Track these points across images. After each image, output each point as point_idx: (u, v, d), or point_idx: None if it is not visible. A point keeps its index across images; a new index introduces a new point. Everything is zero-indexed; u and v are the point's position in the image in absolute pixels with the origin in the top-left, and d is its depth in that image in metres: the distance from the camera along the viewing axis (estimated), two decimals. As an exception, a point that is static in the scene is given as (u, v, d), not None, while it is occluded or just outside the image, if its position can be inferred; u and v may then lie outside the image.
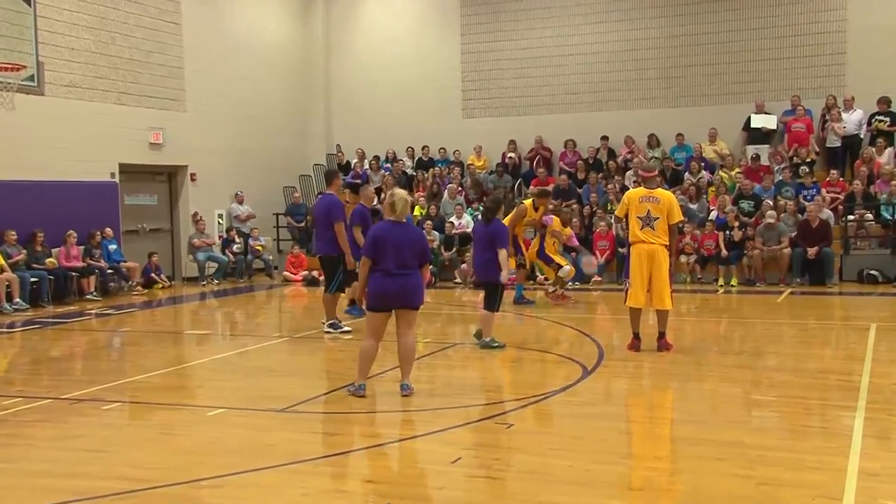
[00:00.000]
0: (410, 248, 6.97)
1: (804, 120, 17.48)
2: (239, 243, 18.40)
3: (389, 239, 6.93)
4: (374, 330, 7.10)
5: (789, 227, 15.61)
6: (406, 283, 6.93)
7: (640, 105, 19.13)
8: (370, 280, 6.98)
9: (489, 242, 9.26)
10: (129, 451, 5.89)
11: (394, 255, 6.89)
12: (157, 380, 8.29)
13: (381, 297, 6.95)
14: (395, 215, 7.01)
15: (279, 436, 6.15)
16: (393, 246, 6.90)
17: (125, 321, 12.91)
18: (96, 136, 15.85)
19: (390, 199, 7.10)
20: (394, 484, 5.24)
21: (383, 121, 20.79)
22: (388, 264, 6.88)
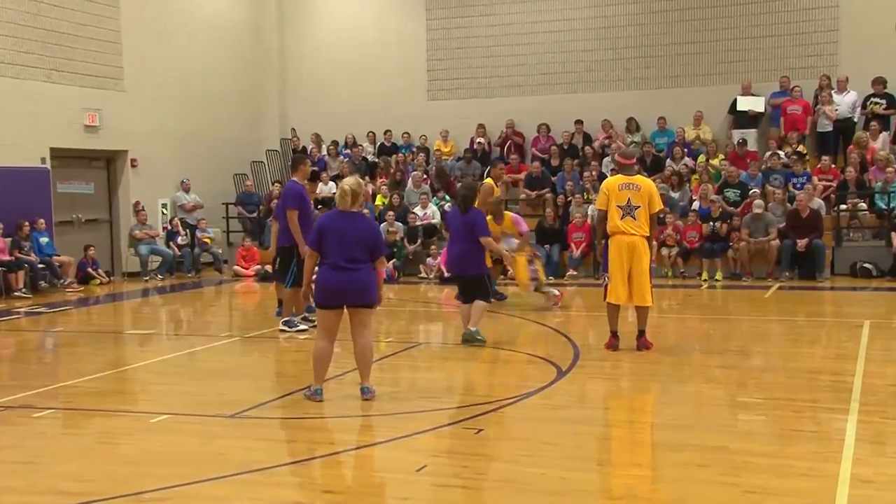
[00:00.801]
0: (360, 241, 6.95)
1: (801, 101, 17.65)
2: (185, 235, 18.22)
3: (336, 230, 6.93)
4: (326, 329, 7.08)
5: (778, 218, 15.83)
6: (355, 278, 6.92)
7: (619, 86, 19.27)
8: (318, 274, 7.00)
9: (468, 233, 9.28)
10: (63, 462, 5.81)
11: (341, 248, 6.89)
12: (94, 384, 8.19)
13: (328, 292, 6.96)
14: (343, 205, 7.02)
15: (229, 443, 6.10)
16: (339, 238, 6.90)
17: (58, 320, 12.72)
18: (23, 116, 15.57)
19: (339, 187, 7.17)
20: (354, 494, 5.23)
21: (342, 103, 20.71)
22: (335, 257, 6.88)
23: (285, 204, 10.36)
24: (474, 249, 9.31)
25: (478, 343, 9.33)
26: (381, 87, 20.58)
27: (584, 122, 19.22)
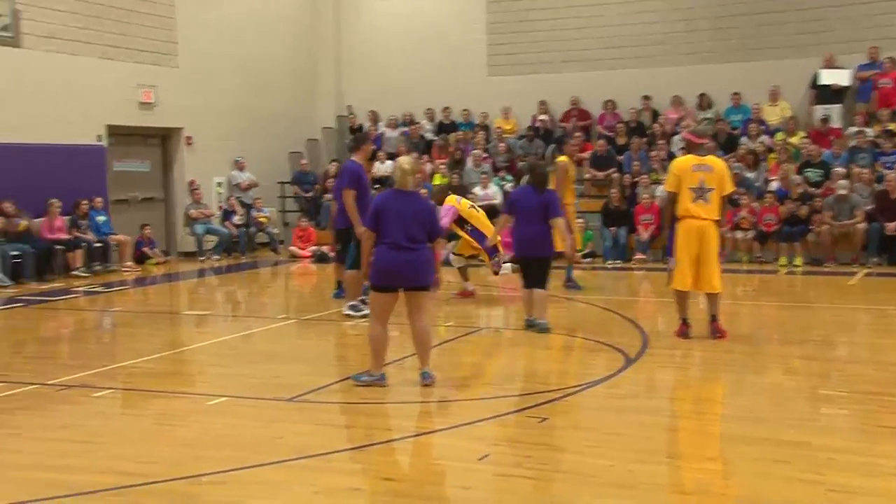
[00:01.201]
0: (418, 221, 7.01)
1: (892, 74, 17.13)
2: (241, 215, 18.47)
3: (394, 210, 6.97)
4: (382, 312, 7.11)
5: (864, 199, 15.41)
6: (415, 258, 6.96)
7: (689, 60, 18.92)
8: (375, 255, 7.02)
9: (542, 213, 9.25)
10: (123, 443, 5.97)
11: (400, 228, 6.93)
12: (151, 365, 8.38)
13: (386, 273, 6.98)
14: (403, 184, 7.08)
15: (287, 428, 6.20)
16: (397, 217, 6.94)
17: (116, 300, 13.04)
18: (80, 93, 15.90)
19: (397, 166, 7.23)
20: (414, 482, 5.27)
21: (400, 80, 20.73)
22: (394, 237, 6.92)
23: (342, 184, 10.42)
24: (547, 231, 9.30)
25: (543, 330, 9.29)
26: (439, 62, 20.55)
27: (653, 97, 18.95)
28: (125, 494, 4.98)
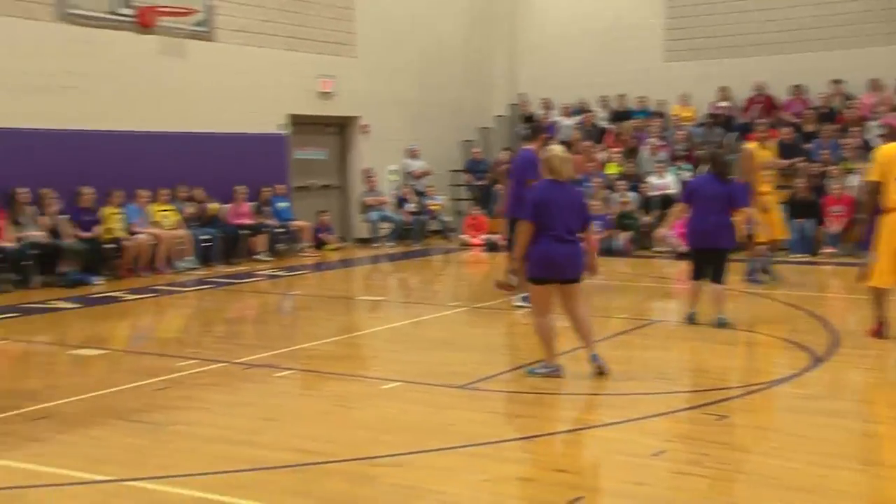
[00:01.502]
0: (575, 211, 7.03)
1: None
2: (414, 202, 18.84)
3: (555, 201, 6.94)
4: (547, 304, 7.11)
5: None
6: (576, 250, 7.02)
7: (887, 41, 17.73)
8: (536, 248, 6.98)
9: (724, 203, 8.97)
10: (303, 422, 6.22)
11: (562, 219, 6.94)
12: (329, 348, 8.69)
13: (552, 265, 6.98)
14: (554, 175, 7.04)
15: (458, 415, 6.28)
16: (559, 208, 6.94)
17: (296, 284, 13.61)
18: (265, 84, 16.62)
19: (544, 154, 7.17)
20: (586, 475, 5.23)
21: (573, 67, 20.50)
22: (558, 229, 6.92)
23: (524, 174, 10.27)
24: (728, 221, 8.99)
25: (723, 325, 8.99)
26: (614, 48, 20.18)
27: (845, 81, 17.90)
28: (305, 472, 5.18)
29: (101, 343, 9.19)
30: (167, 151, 14.81)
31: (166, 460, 5.38)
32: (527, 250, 7.03)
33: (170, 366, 7.75)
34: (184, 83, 15.15)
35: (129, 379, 7.32)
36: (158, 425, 6.06)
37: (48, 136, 13.21)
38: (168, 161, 14.81)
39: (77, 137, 13.54)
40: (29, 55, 13.12)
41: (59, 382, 7.47)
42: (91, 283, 12.72)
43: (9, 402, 6.60)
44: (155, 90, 14.74)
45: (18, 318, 10.35)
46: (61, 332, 9.97)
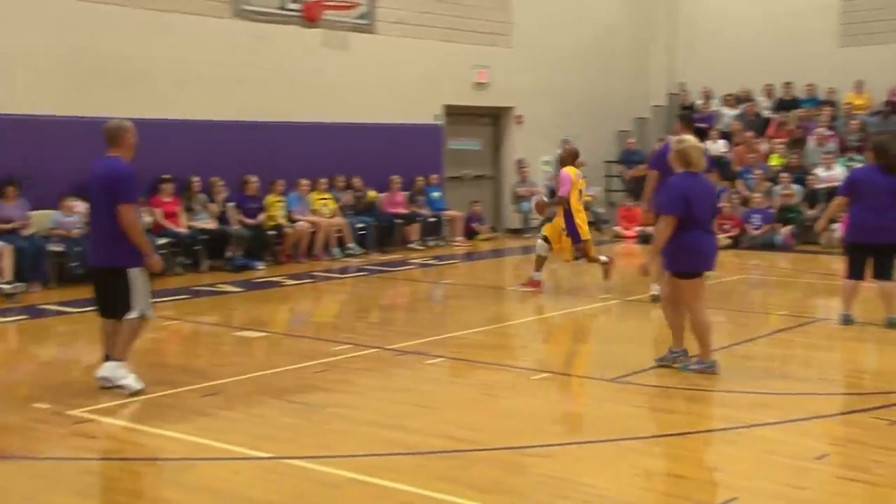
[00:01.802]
0: (712, 204, 7.04)
1: None
2: (566, 193, 18.70)
3: (700, 194, 6.91)
4: (701, 296, 6.99)
5: None
6: (715, 243, 7.06)
7: None
8: (687, 240, 6.84)
9: (893, 196, 8.50)
10: (453, 409, 6.32)
11: (708, 212, 6.97)
12: (478, 337, 8.77)
13: (709, 257, 7.00)
14: (691, 167, 6.94)
15: (609, 408, 6.22)
16: (704, 201, 6.92)
17: (447, 273, 13.79)
18: (422, 75, 16.88)
19: (678, 145, 7.01)
20: (741, 475, 5.07)
21: (737, 54, 19.80)
22: (704, 223, 6.92)
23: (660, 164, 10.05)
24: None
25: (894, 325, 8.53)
26: (783, 33, 19.34)
27: None
28: (456, 458, 5.27)
29: (262, 325, 9.61)
30: (327, 141, 15.29)
31: (321, 440, 5.58)
32: (671, 244, 6.88)
33: (326, 350, 8.02)
34: (344, 75, 15.57)
35: (288, 361, 7.63)
36: (315, 406, 6.28)
37: (219, 127, 13.86)
38: (327, 151, 15.28)
39: (244, 128, 14.16)
40: (205, 50, 13.81)
41: (224, 361, 7.85)
42: (255, 267, 13.30)
43: (181, 377, 7.00)
44: (317, 82, 15.23)
45: (188, 300, 10.94)
46: (226, 313, 10.48)
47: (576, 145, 19.00)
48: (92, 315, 7.12)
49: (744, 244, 15.73)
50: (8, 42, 11.80)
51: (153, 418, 6.09)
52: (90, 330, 8.60)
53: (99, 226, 6.65)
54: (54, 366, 7.88)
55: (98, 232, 6.69)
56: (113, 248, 6.52)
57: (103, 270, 6.65)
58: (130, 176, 6.58)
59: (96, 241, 6.73)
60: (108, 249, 6.56)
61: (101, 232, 6.61)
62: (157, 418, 6.07)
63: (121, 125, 6.73)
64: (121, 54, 12.83)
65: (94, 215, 6.76)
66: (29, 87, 12.03)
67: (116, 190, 6.47)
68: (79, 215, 11.89)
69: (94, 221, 6.81)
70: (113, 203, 6.45)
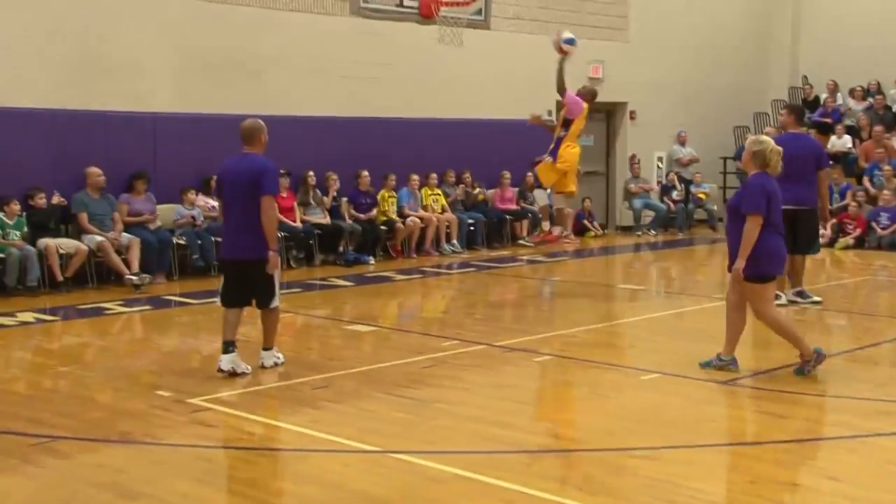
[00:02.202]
0: (780, 206, 6.89)
1: None
2: (679, 190, 18.38)
3: (776, 195, 6.80)
4: (771, 300, 7.00)
5: None
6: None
7: None
8: (767, 243, 6.73)
9: None
10: (559, 407, 6.32)
11: (779, 215, 6.84)
12: (586, 335, 8.71)
13: (782, 260, 7.03)
14: (770, 168, 6.81)
15: (721, 411, 6.11)
16: (776, 202, 6.81)
17: (556, 270, 13.74)
18: (536, 71, 16.79)
19: (757, 146, 6.84)
20: (862, 485, 4.89)
21: (866, 44, 18.98)
22: (777, 224, 6.82)
23: (820, 163, 9.61)
24: None
25: None
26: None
27: None
28: (561, 458, 5.26)
29: (372, 320, 9.78)
30: (438, 137, 15.41)
31: (429, 436, 5.65)
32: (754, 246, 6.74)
33: (434, 345, 8.11)
34: (458, 70, 15.64)
35: (396, 356, 7.75)
36: (423, 402, 6.37)
37: (333, 123, 14.15)
38: (438, 146, 15.41)
39: (358, 124, 14.40)
40: (321, 47, 14.12)
41: (334, 355, 8.04)
42: (366, 262, 13.53)
43: (293, 370, 7.20)
44: (431, 78, 15.37)
45: (301, 294, 11.22)
46: (338, 307, 10.70)
47: (689, 141, 18.74)
48: (212, 306, 7.39)
49: (869, 244, 15.13)
50: (131, 42, 12.30)
51: (267, 409, 6.30)
52: (209, 320, 8.94)
53: (240, 219, 6.90)
54: (176, 355, 8.21)
55: (239, 225, 6.91)
56: (257, 240, 6.80)
57: (245, 262, 6.91)
58: (273, 170, 6.97)
59: (237, 234, 6.95)
60: (251, 242, 6.84)
61: (243, 225, 6.87)
62: (271, 409, 6.27)
63: (256, 124, 7.07)
64: (238, 52, 13.22)
65: (234, 209, 6.96)
66: (151, 84, 12.53)
67: (262, 183, 6.77)
68: (199, 209, 12.34)
69: (233, 216, 6.99)
70: (256, 196, 6.76)
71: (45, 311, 9.89)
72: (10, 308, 9.88)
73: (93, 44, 11.96)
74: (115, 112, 12.08)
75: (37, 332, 9.16)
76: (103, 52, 12.05)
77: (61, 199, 11.36)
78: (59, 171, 11.56)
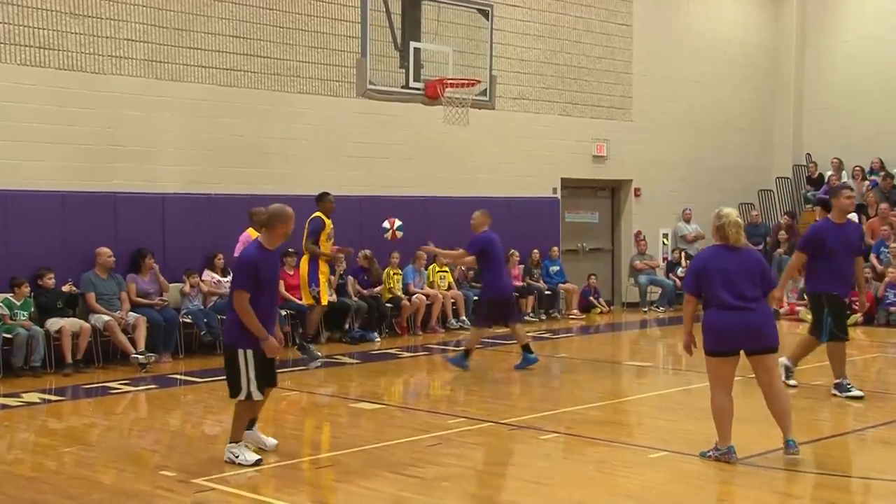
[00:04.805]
0: (748, 276, 6.62)
1: None
2: (685, 267, 18.41)
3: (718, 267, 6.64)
4: (721, 379, 6.71)
5: None
6: (750, 319, 6.53)
7: None
8: (705, 318, 6.64)
9: None
10: (567, 486, 6.23)
11: (728, 286, 6.55)
12: (593, 412, 8.66)
13: (721, 336, 6.57)
14: (725, 241, 6.76)
15: (733, 491, 6.04)
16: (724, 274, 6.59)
17: (562, 346, 13.69)
18: (540, 149, 17.07)
19: (717, 221, 6.86)
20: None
21: (869, 125, 19.27)
22: (723, 297, 6.54)
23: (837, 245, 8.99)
24: None
25: None
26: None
27: None
28: (568, 537, 5.19)
29: (377, 397, 9.73)
30: (446, 214, 15.53)
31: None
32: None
33: (440, 423, 8.06)
34: (464, 149, 15.86)
35: (402, 434, 7.70)
36: (429, 481, 6.30)
37: (340, 202, 14.21)
38: (446, 223, 15.51)
39: (365, 202, 14.55)
40: (331, 128, 14.37)
41: (339, 433, 7.99)
42: (372, 340, 13.51)
43: (298, 448, 7.16)
44: (438, 157, 15.60)
45: (306, 371, 11.20)
46: (343, 385, 10.67)
47: (695, 218, 18.84)
48: (218, 385, 7.30)
49: (878, 321, 15.10)
50: (142, 124, 12.54)
51: (271, 489, 6.24)
52: (214, 399, 8.91)
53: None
54: (181, 434, 8.17)
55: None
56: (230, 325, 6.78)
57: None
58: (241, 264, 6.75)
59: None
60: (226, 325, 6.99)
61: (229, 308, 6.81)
62: (275, 489, 6.21)
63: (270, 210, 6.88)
64: (247, 133, 13.47)
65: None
66: (161, 165, 12.73)
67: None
68: (201, 289, 12.41)
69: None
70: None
71: (50, 392, 9.88)
72: (15, 389, 9.88)
73: (103, 126, 12.20)
74: (124, 193, 12.26)
75: (41, 412, 9.14)
76: (115, 134, 12.29)
77: (73, 286, 11.39)
78: (67, 251, 11.68)
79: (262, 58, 13.64)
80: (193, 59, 12.98)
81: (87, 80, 12.05)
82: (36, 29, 11.68)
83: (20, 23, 11.58)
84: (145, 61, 12.57)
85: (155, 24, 12.62)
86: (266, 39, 13.68)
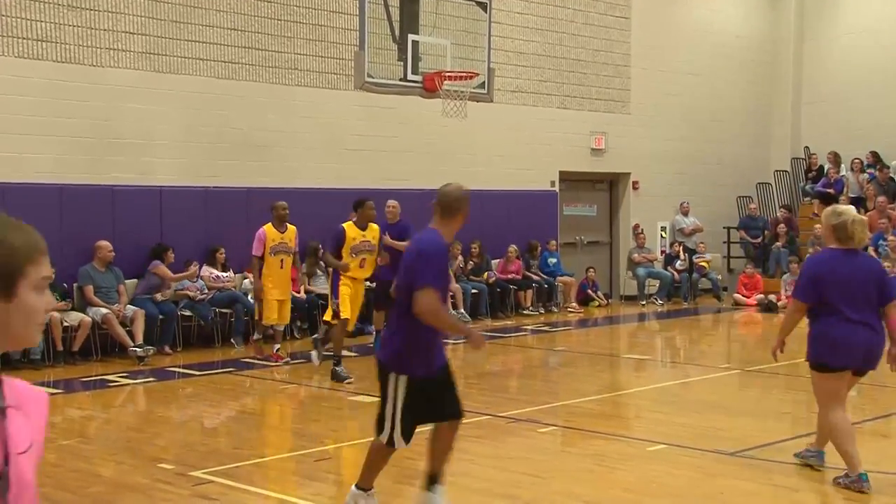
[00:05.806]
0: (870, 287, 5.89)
1: None
2: (683, 260, 18.43)
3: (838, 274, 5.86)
4: (836, 395, 5.92)
5: None
6: (870, 337, 5.82)
7: None
8: (824, 329, 5.87)
9: None
10: (565, 479, 6.24)
11: (850, 297, 5.80)
12: (591, 405, 8.66)
13: (847, 351, 5.83)
14: (847, 243, 5.88)
15: (730, 483, 6.03)
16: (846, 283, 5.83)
17: (560, 340, 13.70)
18: (538, 142, 17.05)
19: (836, 219, 5.93)
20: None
21: (867, 118, 19.24)
22: (844, 308, 5.79)
23: None
24: None
25: None
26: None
27: None
28: (566, 530, 5.19)
29: (376, 390, 9.67)
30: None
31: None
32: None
33: (439, 416, 8.04)
34: (462, 142, 15.84)
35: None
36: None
37: (340, 194, 14.21)
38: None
39: (364, 195, 14.45)
40: (329, 121, 14.33)
41: (338, 426, 8.00)
42: (370, 332, 13.48)
43: (297, 441, 7.16)
44: (436, 149, 15.56)
45: (305, 364, 11.18)
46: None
47: (693, 211, 18.84)
48: (215, 377, 7.27)
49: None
50: (139, 117, 12.51)
51: (269, 482, 6.24)
52: (212, 392, 8.91)
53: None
54: (179, 427, 8.16)
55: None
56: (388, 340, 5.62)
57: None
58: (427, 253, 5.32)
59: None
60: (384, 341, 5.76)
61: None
62: (273, 482, 6.21)
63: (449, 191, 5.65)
64: (246, 126, 13.44)
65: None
66: (159, 158, 12.70)
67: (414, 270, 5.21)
68: (202, 280, 12.39)
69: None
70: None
71: (48, 384, 9.86)
72: (13, 380, 9.85)
73: (101, 119, 12.17)
74: (121, 186, 12.24)
75: (40, 404, 9.12)
76: (113, 127, 12.25)
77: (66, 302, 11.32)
78: (65, 243, 11.65)
79: (259, 50, 13.60)
80: (191, 51, 12.95)
81: (85, 73, 12.02)
82: (33, 21, 11.64)
83: (18, 15, 11.54)
84: (143, 54, 12.53)
85: (153, 17, 12.58)
86: (264, 32, 13.64)
